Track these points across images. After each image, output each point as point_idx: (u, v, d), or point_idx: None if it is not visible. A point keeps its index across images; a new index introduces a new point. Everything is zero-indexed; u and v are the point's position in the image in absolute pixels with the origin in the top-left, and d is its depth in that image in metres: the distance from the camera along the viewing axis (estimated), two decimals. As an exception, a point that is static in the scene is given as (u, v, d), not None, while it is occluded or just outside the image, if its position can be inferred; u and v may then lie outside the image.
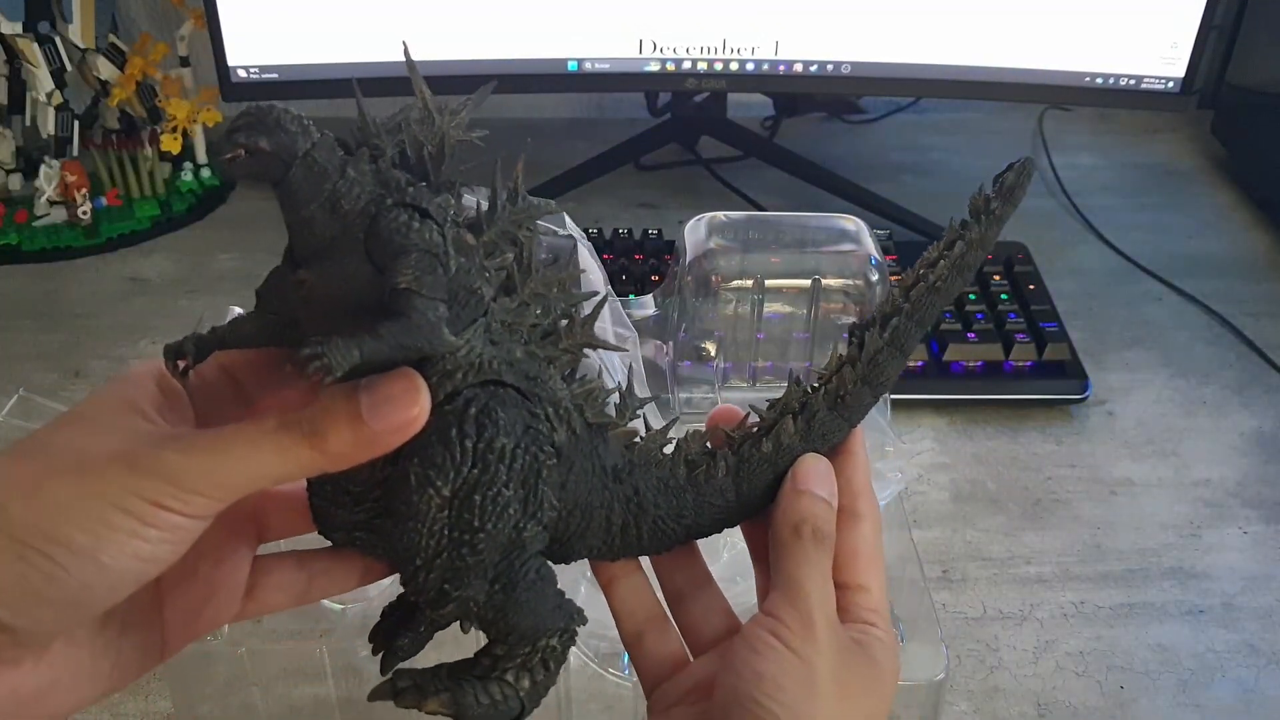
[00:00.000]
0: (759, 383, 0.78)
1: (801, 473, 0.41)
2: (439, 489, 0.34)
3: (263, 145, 0.32)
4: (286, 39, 0.93)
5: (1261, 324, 0.93)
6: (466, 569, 0.34)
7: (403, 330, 0.32)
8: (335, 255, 0.33)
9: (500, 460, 0.34)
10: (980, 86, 0.95)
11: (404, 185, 0.34)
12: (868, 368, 0.42)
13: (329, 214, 0.33)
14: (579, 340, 0.38)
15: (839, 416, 0.42)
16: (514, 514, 0.35)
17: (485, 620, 0.36)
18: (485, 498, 0.34)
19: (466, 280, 0.34)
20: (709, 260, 0.74)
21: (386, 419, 0.32)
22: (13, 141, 1.02)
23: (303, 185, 0.33)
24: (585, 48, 0.94)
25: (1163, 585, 0.71)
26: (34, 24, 0.97)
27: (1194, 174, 1.16)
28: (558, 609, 0.37)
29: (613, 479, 0.39)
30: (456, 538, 0.34)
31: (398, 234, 0.32)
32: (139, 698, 0.62)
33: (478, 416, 0.34)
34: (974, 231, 0.41)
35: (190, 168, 1.07)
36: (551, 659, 0.37)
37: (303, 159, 0.32)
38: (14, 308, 0.93)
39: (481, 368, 0.35)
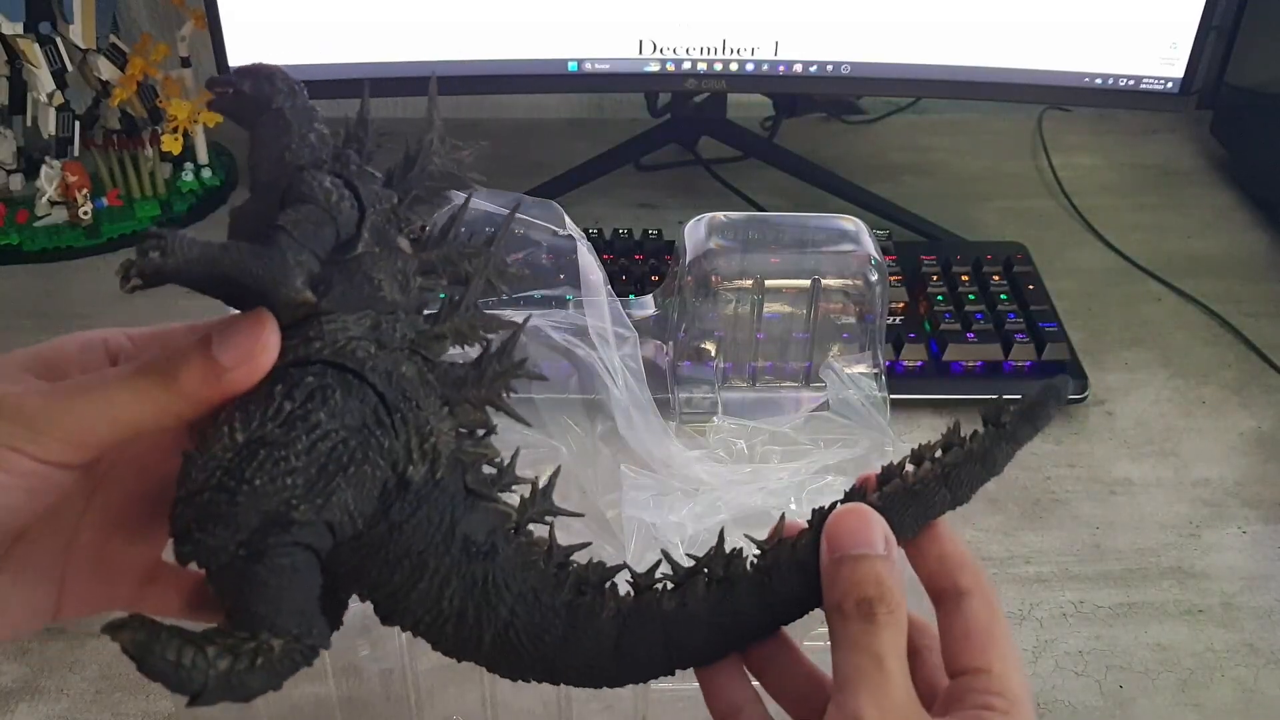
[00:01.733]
0: (759, 383, 0.78)
1: (833, 535, 0.35)
2: (234, 430, 0.33)
3: (245, 87, 0.35)
4: (286, 39, 0.93)
5: (1261, 324, 0.93)
6: (218, 516, 0.33)
7: (253, 254, 0.32)
8: (256, 198, 0.35)
9: (307, 432, 0.33)
10: (980, 87, 0.95)
11: (350, 164, 0.35)
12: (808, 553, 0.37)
13: (274, 163, 0.35)
14: (485, 395, 0.36)
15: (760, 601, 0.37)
16: (291, 486, 0.33)
17: (220, 585, 0.34)
18: (270, 456, 0.33)
19: (369, 267, 0.34)
20: (709, 260, 0.75)
21: (233, 351, 0.33)
22: (14, 142, 1.02)
23: (266, 134, 0.35)
24: (585, 48, 0.94)
25: (1162, 585, 0.71)
26: (35, 24, 0.97)
27: (1193, 174, 1.16)
28: (299, 614, 0.34)
29: (460, 548, 0.36)
30: (224, 481, 0.33)
31: (305, 185, 0.34)
32: (139, 697, 0.62)
33: (311, 386, 0.34)
34: (976, 443, 0.38)
35: (191, 168, 1.07)
36: (263, 657, 0.33)
37: (274, 111, 0.35)
38: (14, 308, 0.93)
39: (342, 350, 0.34)
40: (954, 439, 0.37)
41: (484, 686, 0.57)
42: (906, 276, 0.90)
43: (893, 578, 0.33)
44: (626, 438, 0.68)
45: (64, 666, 0.64)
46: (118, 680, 0.63)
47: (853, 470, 0.67)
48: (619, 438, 0.68)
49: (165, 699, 0.62)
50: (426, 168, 0.36)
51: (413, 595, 0.36)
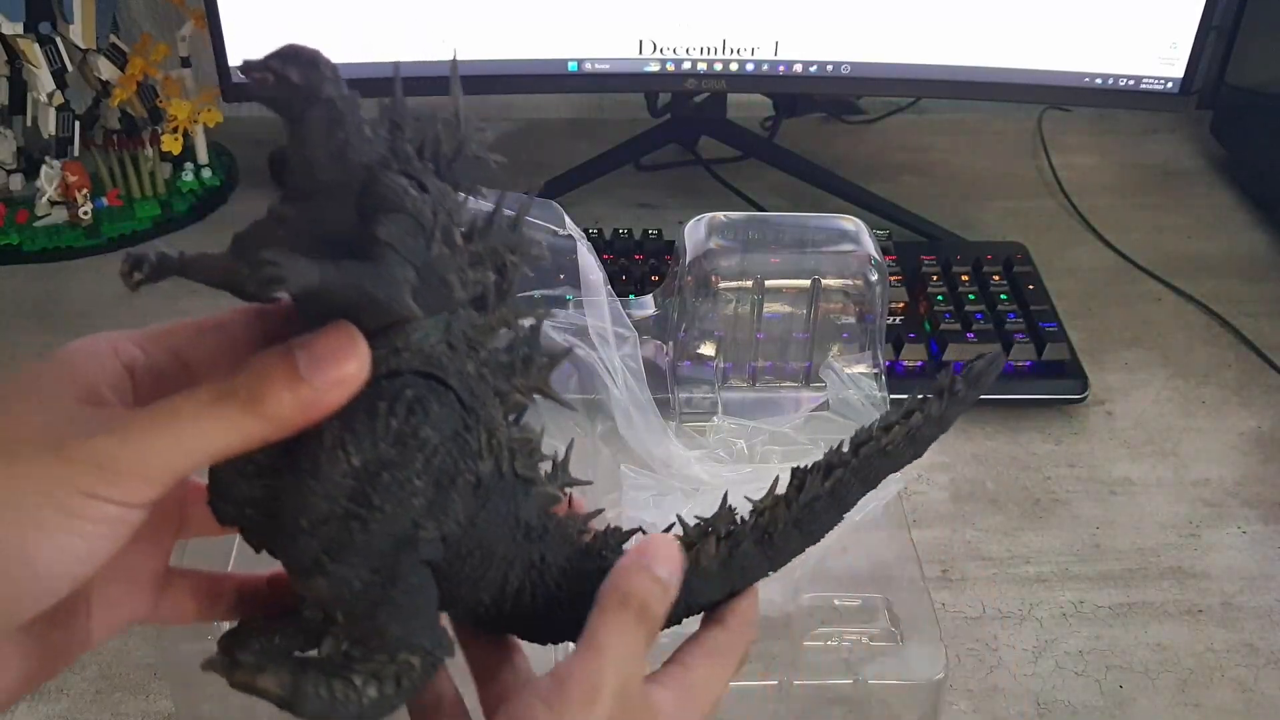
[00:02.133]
0: (759, 383, 0.78)
1: (651, 550, 0.38)
2: (349, 455, 0.32)
3: (292, 76, 0.32)
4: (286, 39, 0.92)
5: (1261, 324, 0.93)
6: (351, 545, 0.33)
7: (368, 274, 0.31)
8: (324, 200, 0.33)
9: (420, 449, 0.33)
10: (980, 87, 0.95)
11: (412, 159, 0.34)
12: (802, 511, 0.40)
13: (333, 160, 0.33)
14: (531, 383, 0.37)
15: (763, 555, 0.41)
16: (417, 507, 0.33)
17: (353, 612, 0.33)
18: (394, 479, 0.33)
19: (443, 270, 0.34)
20: (709, 260, 0.75)
21: (325, 373, 0.31)
22: (14, 142, 1.02)
23: (318, 127, 0.33)
24: (585, 48, 0.94)
25: (1162, 585, 0.71)
26: (35, 24, 0.97)
27: (1193, 174, 1.16)
28: (430, 629, 0.35)
29: (524, 535, 0.37)
30: (351, 509, 0.32)
31: (393, 193, 0.32)
32: (139, 697, 0.62)
33: (411, 401, 0.33)
34: (934, 408, 0.41)
35: (191, 168, 1.07)
36: (406, 677, 0.34)
37: (325, 101, 0.33)
38: (15, 308, 0.93)
39: (430, 358, 0.34)
40: (913, 406, 0.41)
41: (484, 686, 0.57)
42: (906, 276, 0.90)
43: (662, 604, 0.37)
44: (626, 438, 0.68)
45: (64, 666, 0.64)
46: (117, 680, 0.63)
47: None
48: (619, 438, 0.68)
49: (164, 699, 0.62)
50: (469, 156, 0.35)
51: (481, 583, 0.37)
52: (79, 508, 0.29)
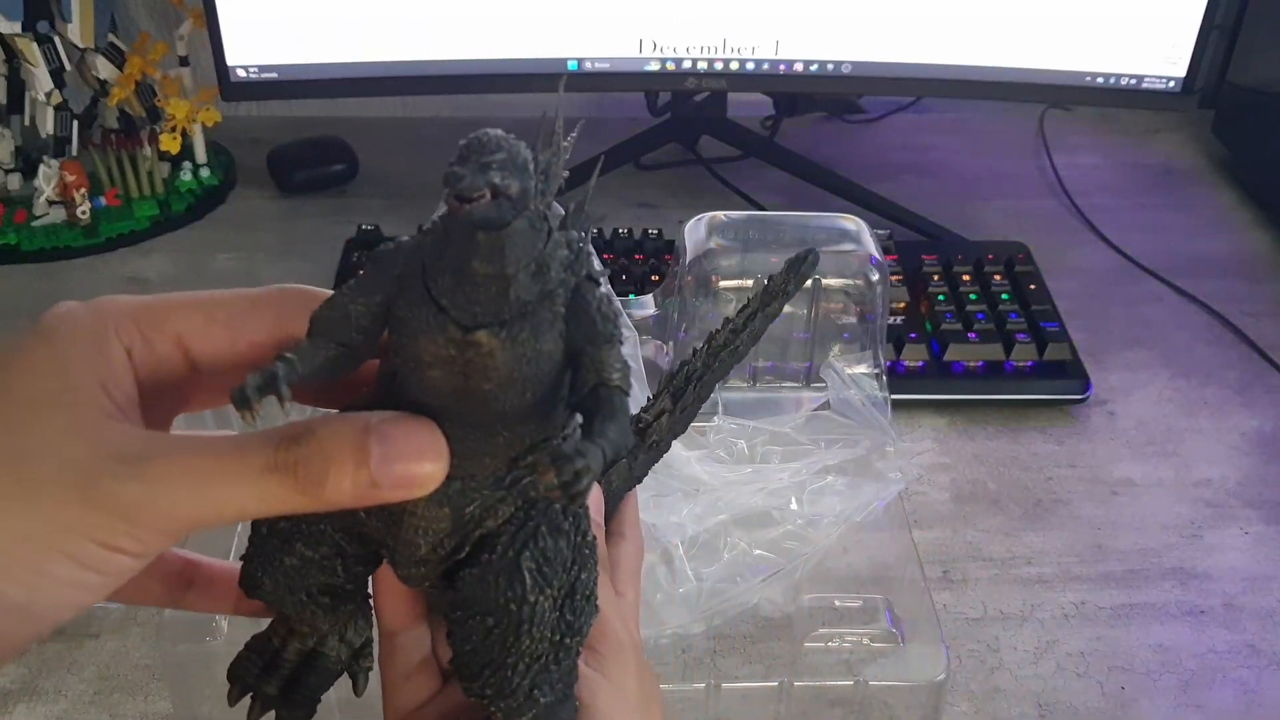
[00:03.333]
0: (759, 383, 0.78)
1: None
2: (555, 589, 0.31)
3: (513, 190, 0.27)
4: (286, 39, 0.92)
5: (1262, 324, 0.93)
6: (558, 673, 0.32)
7: (620, 433, 0.28)
8: (530, 323, 0.29)
9: (591, 550, 0.32)
10: (980, 86, 0.95)
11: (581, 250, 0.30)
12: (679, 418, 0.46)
13: (533, 277, 0.29)
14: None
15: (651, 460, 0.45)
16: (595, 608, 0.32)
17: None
18: (581, 594, 0.32)
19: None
20: (709, 260, 0.74)
21: (396, 474, 0.28)
22: (12, 141, 1.02)
23: (521, 239, 0.28)
24: (585, 47, 0.94)
25: (1164, 585, 0.71)
26: (33, 23, 0.97)
27: (1195, 174, 1.16)
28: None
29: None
30: (559, 641, 0.31)
31: (608, 321, 0.29)
32: (138, 698, 0.62)
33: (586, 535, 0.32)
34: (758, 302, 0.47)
35: (189, 167, 1.06)
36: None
37: (532, 213, 0.28)
38: (13, 307, 0.93)
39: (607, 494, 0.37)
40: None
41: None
42: (907, 276, 0.90)
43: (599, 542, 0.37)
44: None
45: (62, 667, 0.63)
46: (116, 681, 0.63)
47: (854, 470, 0.67)
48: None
49: (163, 700, 0.62)
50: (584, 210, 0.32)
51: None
52: (92, 559, 0.28)
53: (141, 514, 0.27)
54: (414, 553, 0.32)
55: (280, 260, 0.97)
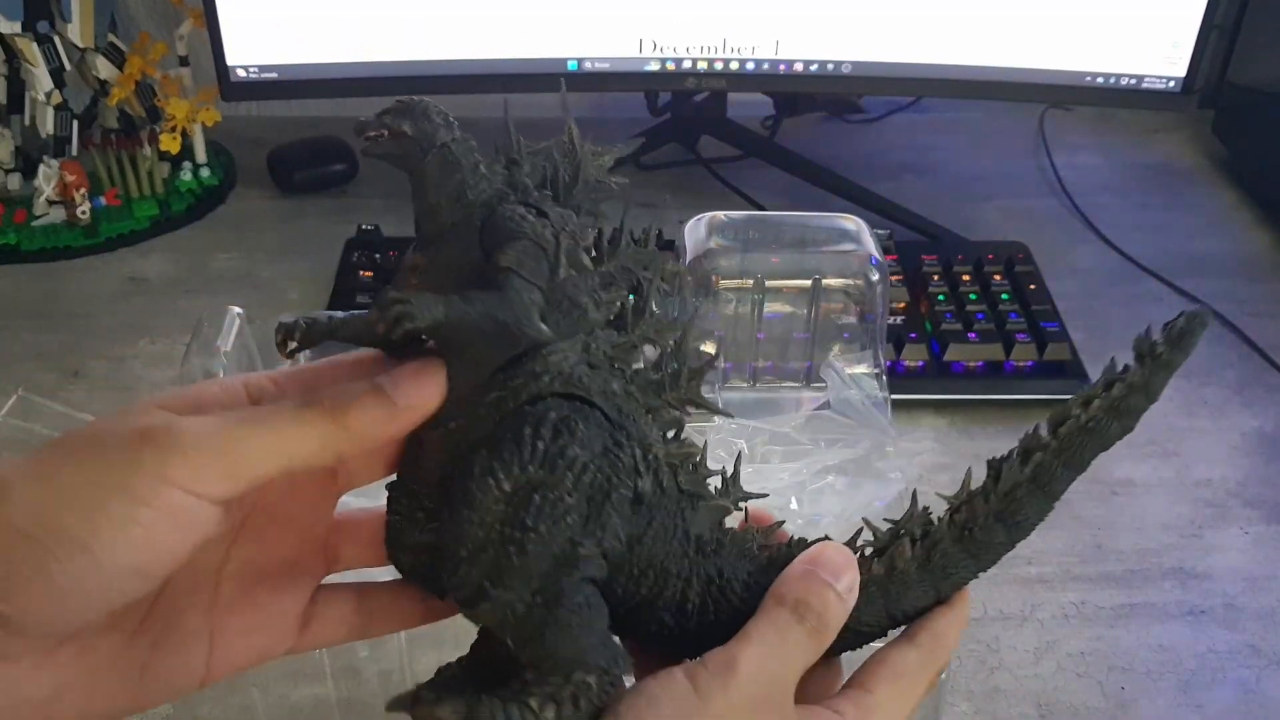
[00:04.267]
0: (759, 383, 0.78)
1: (815, 555, 0.37)
2: (500, 481, 0.33)
3: (405, 129, 0.34)
4: (286, 39, 0.92)
5: (1263, 324, 0.93)
6: (510, 569, 0.33)
7: (494, 302, 0.32)
8: (451, 240, 0.34)
9: (569, 468, 0.33)
10: (980, 86, 0.95)
11: (530, 189, 0.35)
12: (1003, 502, 0.39)
13: (453, 202, 0.34)
14: (683, 396, 0.37)
15: (965, 552, 0.39)
16: (571, 525, 0.33)
17: (521, 636, 0.34)
18: (545, 500, 0.33)
19: (573, 292, 0.35)
20: (709, 260, 0.74)
21: (408, 394, 0.33)
22: (12, 141, 1.02)
23: (435, 173, 0.34)
24: (585, 47, 0.94)
25: (1164, 585, 0.71)
26: (33, 23, 0.97)
27: (1195, 174, 1.16)
28: (602, 646, 0.34)
29: (695, 549, 0.37)
30: (507, 534, 0.33)
31: (511, 222, 0.34)
32: (138, 698, 0.62)
33: (556, 422, 0.34)
34: (1136, 375, 0.40)
35: (189, 167, 1.06)
36: (584, 697, 0.33)
37: (439, 148, 0.34)
38: (13, 308, 0.93)
39: (571, 380, 0.34)
40: (1113, 376, 0.40)
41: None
42: (907, 276, 0.90)
43: (835, 613, 0.36)
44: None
45: (61, 668, 0.63)
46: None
47: (853, 470, 0.67)
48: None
49: (163, 700, 0.62)
50: (588, 181, 0.36)
51: (659, 603, 0.37)
52: (146, 492, 0.29)
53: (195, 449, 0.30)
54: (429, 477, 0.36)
55: (280, 260, 0.97)
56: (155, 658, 0.34)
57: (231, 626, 0.36)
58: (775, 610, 0.35)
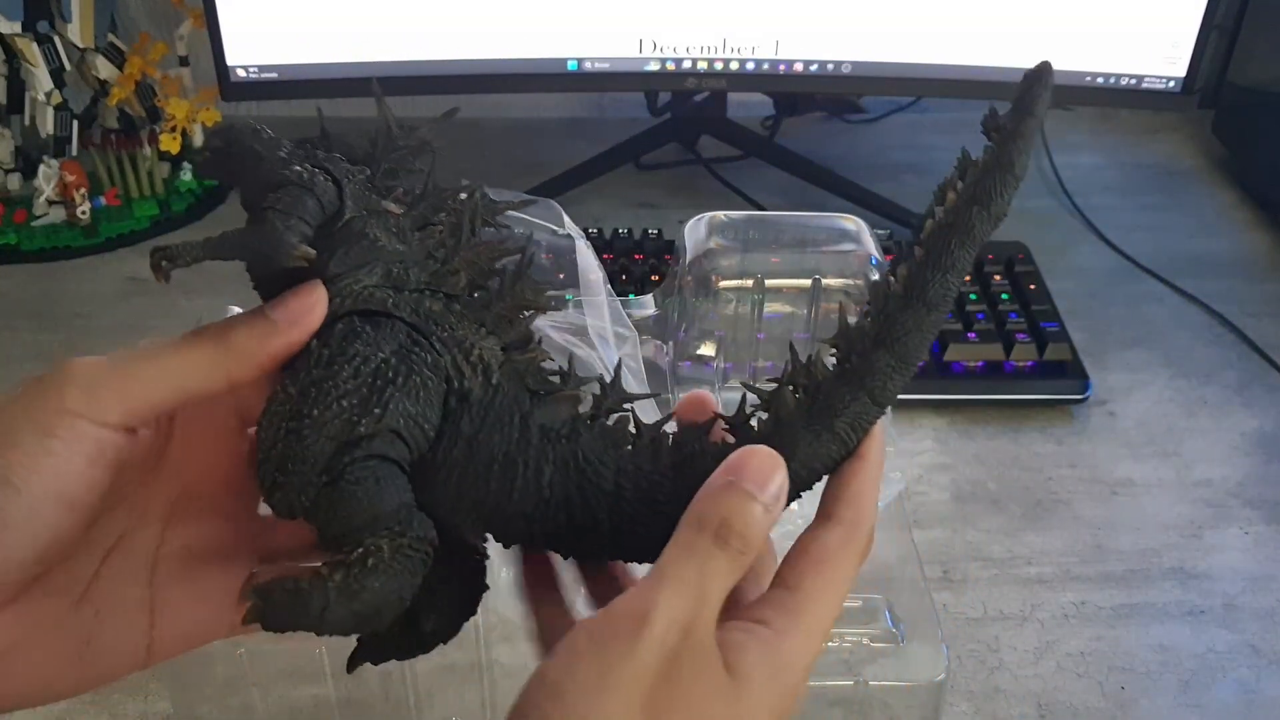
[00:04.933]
0: (759, 383, 0.78)
1: (738, 462, 0.34)
2: (287, 387, 0.35)
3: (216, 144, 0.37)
4: (286, 39, 0.92)
5: (1263, 324, 0.93)
6: (292, 455, 0.34)
7: (249, 233, 0.35)
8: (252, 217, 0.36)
9: (348, 361, 0.35)
10: (980, 86, 0.95)
11: (317, 152, 0.37)
12: (878, 323, 0.36)
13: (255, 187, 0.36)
14: (510, 302, 0.38)
15: (848, 385, 0.36)
16: (347, 407, 0.35)
17: (317, 520, 0.35)
18: (321, 389, 0.35)
19: (362, 227, 0.36)
20: (709, 260, 0.74)
21: (283, 310, 0.34)
22: (12, 141, 1.02)
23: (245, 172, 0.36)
24: (585, 47, 0.94)
25: (1164, 585, 0.71)
26: (33, 23, 0.97)
27: (1195, 174, 1.16)
28: (394, 514, 0.35)
29: (542, 437, 0.37)
30: (289, 426, 0.34)
31: (279, 176, 0.35)
32: (138, 698, 0.62)
33: (343, 331, 0.36)
34: (988, 155, 0.37)
35: (189, 168, 1.07)
36: (374, 558, 0.33)
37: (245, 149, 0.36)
38: (13, 308, 0.93)
39: (363, 298, 0.36)
40: (966, 163, 0.38)
41: (483, 688, 0.57)
42: (907, 276, 0.90)
43: (760, 530, 0.33)
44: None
45: (61, 667, 0.63)
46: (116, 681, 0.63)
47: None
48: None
49: (163, 700, 0.62)
50: (391, 142, 0.38)
51: (514, 497, 0.36)
52: (53, 423, 0.32)
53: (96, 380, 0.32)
54: None
55: (280, 260, 0.97)
56: (98, 628, 0.36)
57: (172, 602, 0.37)
58: (694, 537, 0.32)
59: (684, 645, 0.31)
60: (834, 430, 0.36)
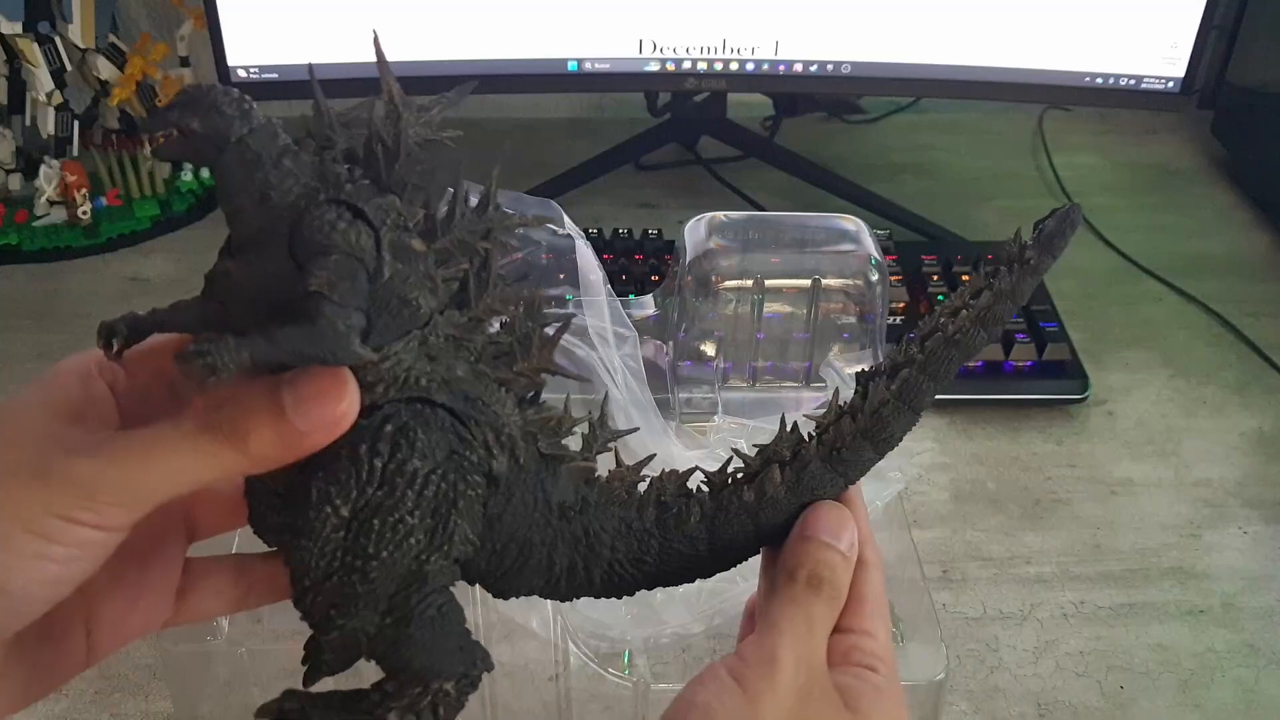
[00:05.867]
0: (759, 383, 0.78)
1: (812, 519, 0.38)
2: (338, 508, 0.32)
3: (194, 126, 0.31)
4: (286, 39, 0.93)
5: (1262, 324, 0.93)
6: (356, 597, 0.32)
7: (303, 337, 0.30)
8: (260, 248, 0.32)
9: (410, 485, 0.32)
10: (980, 86, 0.95)
11: (342, 181, 0.32)
12: (870, 420, 0.39)
13: (257, 205, 0.31)
14: (536, 364, 0.36)
15: (833, 471, 0.39)
16: (416, 544, 0.33)
17: (376, 653, 0.34)
18: (385, 523, 0.32)
19: (401, 289, 0.32)
20: (709, 260, 0.74)
21: (310, 416, 0.30)
22: (13, 141, 1.02)
23: (233, 172, 0.31)
24: (585, 48, 0.94)
25: (1163, 585, 0.71)
26: (34, 24, 0.97)
27: (1194, 174, 1.16)
28: (459, 651, 0.34)
29: (558, 516, 0.37)
30: (349, 563, 0.32)
31: (320, 233, 0.31)
32: (139, 697, 0.62)
33: (393, 435, 0.32)
34: (1003, 281, 0.38)
35: (190, 168, 1.07)
36: (443, 704, 0.34)
37: (235, 144, 0.31)
38: (14, 308, 0.93)
39: (407, 383, 0.33)
40: (981, 284, 0.39)
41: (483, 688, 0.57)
42: (907, 276, 0.90)
43: (844, 574, 0.37)
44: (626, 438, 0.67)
45: (63, 667, 0.63)
46: (116, 680, 0.63)
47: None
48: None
49: (164, 700, 0.62)
50: (410, 151, 0.33)
51: (525, 571, 0.37)
52: (55, 532, 0.29)
53: (95, 486, 0.29)
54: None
55: (281, 260, 0.97)
56: (42, 651, 0.35)
57: (105, 608, 0.36)
58: (791, 589, 0.36)
59: (810, 683, 0.35)
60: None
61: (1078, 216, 0.40)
